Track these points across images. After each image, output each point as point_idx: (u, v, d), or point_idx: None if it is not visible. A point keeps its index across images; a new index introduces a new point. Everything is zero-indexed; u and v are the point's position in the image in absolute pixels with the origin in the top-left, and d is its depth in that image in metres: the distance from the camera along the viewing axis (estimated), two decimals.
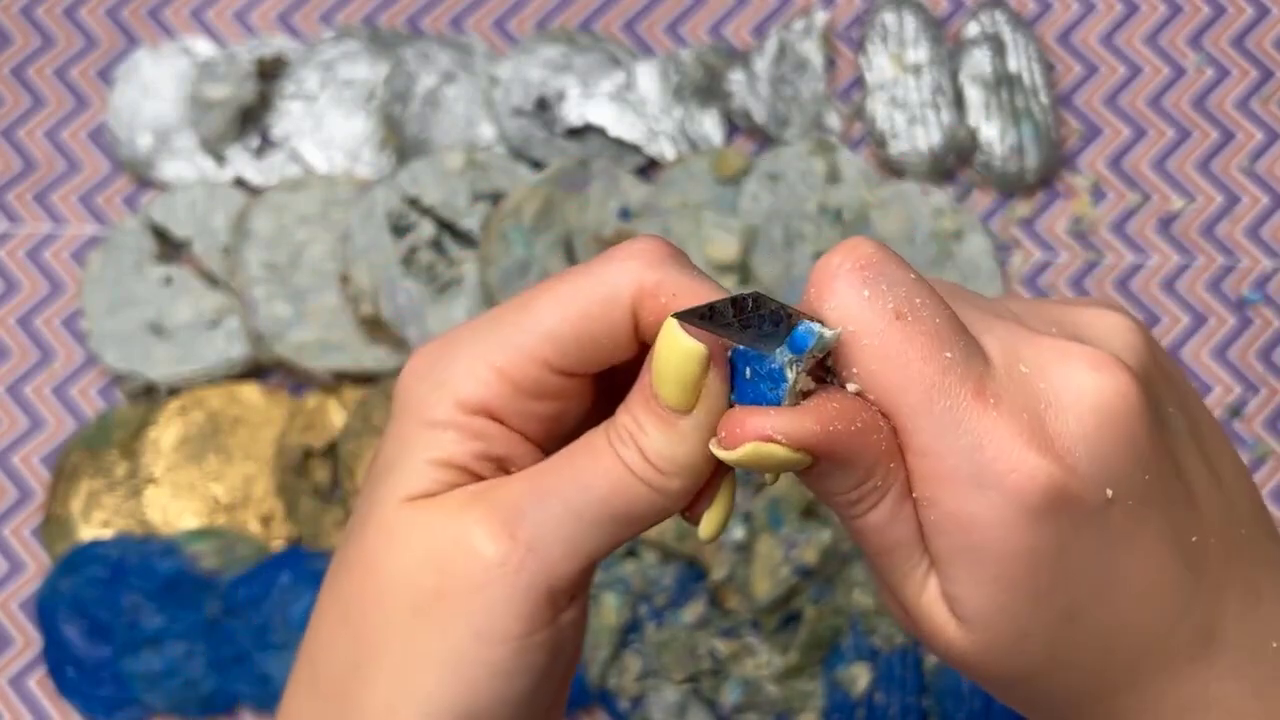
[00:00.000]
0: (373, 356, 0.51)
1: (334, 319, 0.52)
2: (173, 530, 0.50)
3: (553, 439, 0.27)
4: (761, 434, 0.24)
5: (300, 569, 0.48)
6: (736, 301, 0.23)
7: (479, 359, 0.26)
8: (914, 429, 0.24)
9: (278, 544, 0.50)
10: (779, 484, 0.48)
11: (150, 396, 0.52)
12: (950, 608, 0.25)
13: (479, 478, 0.26)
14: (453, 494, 0.26)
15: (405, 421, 0.27)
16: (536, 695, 0.26)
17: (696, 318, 0.23)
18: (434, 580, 0.25)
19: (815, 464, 0.24)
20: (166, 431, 0.50)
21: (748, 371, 0.25)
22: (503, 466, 0.27)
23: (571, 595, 0.26)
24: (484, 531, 0.25)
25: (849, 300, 0.24)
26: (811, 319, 0.24)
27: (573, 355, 0.26)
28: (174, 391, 0.51)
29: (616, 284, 0.25)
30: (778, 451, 0.24)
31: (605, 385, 0.28)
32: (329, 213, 0.53)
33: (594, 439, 0.26)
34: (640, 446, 0.25)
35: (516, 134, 0.54)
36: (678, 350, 0.24)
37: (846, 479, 0.25)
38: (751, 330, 0.24)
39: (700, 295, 0.25)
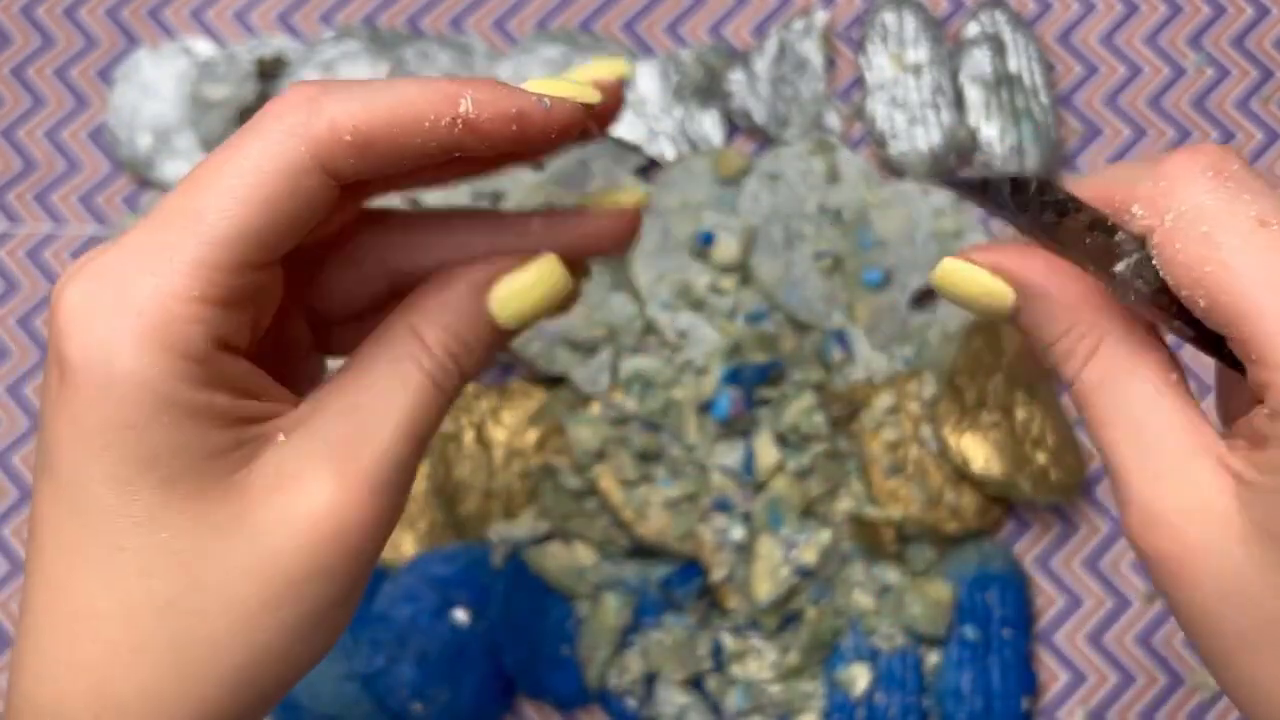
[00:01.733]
0: None
1: None
2: None
3: (259, 330, 0.26)
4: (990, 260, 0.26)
5: None
6: (1017, 181, 0.23)
7: (170, 295, 0.23)
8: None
9: None
10: (778, 484, 0.48)
11: None
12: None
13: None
14: (311, 472, 0.24)
15: (95, 397, 0.23)
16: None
17: (966, 188, 0.23)
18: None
19: (1018, 307, 0.26)
20: None
21: None
22: (250, 394, 0.25)
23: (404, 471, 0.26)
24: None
25: (1208, 201, 0.24)
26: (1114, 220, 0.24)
27: (271, 245, 0.24)
28: None
29: (291, 152, 0.24)
30: (983, 276, 0.26)
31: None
32: None
33: (405, 368, 0.26)
34: (463, 369, 0.26)
35: None
36: None
37: (1051, 325, 0.25)
38: (1030, 215, 0.24)
39: (375, 98, 0.24)
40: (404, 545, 0.49)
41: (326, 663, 0.47)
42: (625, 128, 0.54)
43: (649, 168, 0.53)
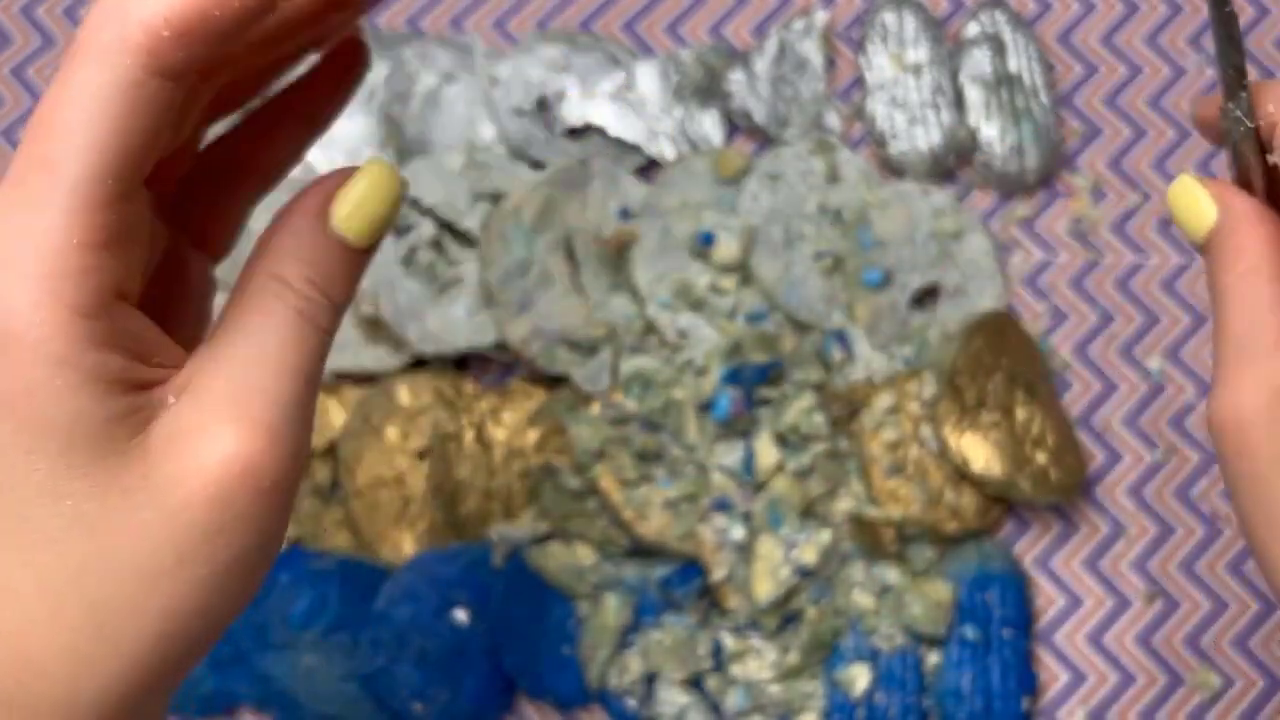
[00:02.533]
0: (373, 356, 0.51)
1: None
2: None
3: (147, 270, 0.27)
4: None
5: (299, 569, 0.48)
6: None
7: (52, 249, 0.23)
8: None
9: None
10: (778, 484, 0.48)
11: None
12: None
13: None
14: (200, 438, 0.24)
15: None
16: None
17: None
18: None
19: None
20: None
21: None
22: (142, 353, 0.25)
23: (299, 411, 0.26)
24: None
25: None
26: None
27: (133, 168, 0.24)
28: None
29: (118, 68, 0.23)
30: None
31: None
32: None
33: (274, 310, 0.26)
34: (331, 298, 0.26)
35: (516, 134, 0.54)
36: None
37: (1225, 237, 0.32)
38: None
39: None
40: (404, 545, 0.49)
41: (327, 663, 0.47)
42: (625, 128, 0.54)
43: (649, 167, 0.53)
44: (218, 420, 0.24)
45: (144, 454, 0.24)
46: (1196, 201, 0.33)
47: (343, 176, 0.27)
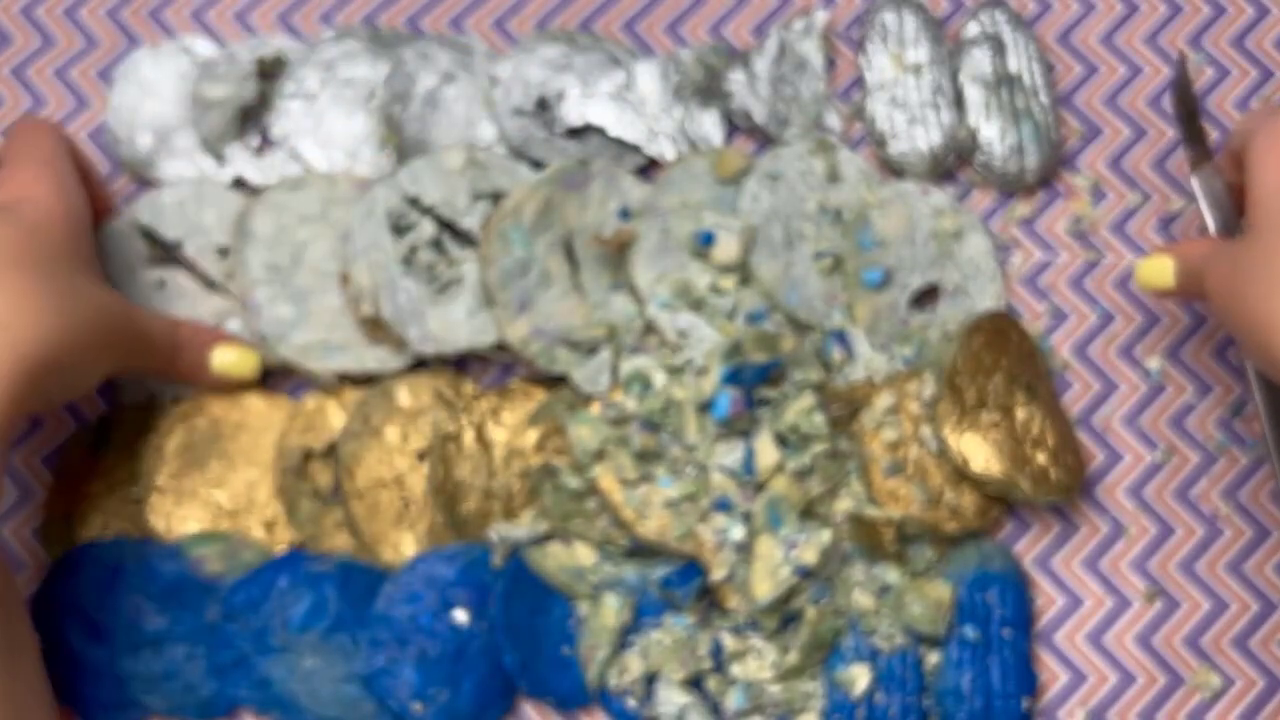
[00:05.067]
0: (374, 357, 0.51)
1: (336, 320, 0.52)
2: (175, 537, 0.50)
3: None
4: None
5: (299, 572, 0.48)
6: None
7: None
8: None
9: (281, 549, 0.50)
10: (778, 484, 0.48)
11: (152, 401, 0.52)
12: None
13: None
14: None
15: None
16: None
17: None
18: None
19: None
20: (169, 438, 0.50)
21: None
22: None
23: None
24: None
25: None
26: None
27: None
28: (176, 398, 0.51)
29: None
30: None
31: None
32: (329, 212, 0.53)
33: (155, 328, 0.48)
34: (176, 371, 0.50)
35: (516, 134, 0.54)
36: None
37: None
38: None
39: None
40: (404, 546, 0.49)
41: (328, 665, 0.48)
42: (625, 128, 0.54)
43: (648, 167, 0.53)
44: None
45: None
46: (1157, 266, 0.47)
47: (231, 342, 0.51)
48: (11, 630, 0.41)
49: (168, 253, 0.52)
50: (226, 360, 0.49)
